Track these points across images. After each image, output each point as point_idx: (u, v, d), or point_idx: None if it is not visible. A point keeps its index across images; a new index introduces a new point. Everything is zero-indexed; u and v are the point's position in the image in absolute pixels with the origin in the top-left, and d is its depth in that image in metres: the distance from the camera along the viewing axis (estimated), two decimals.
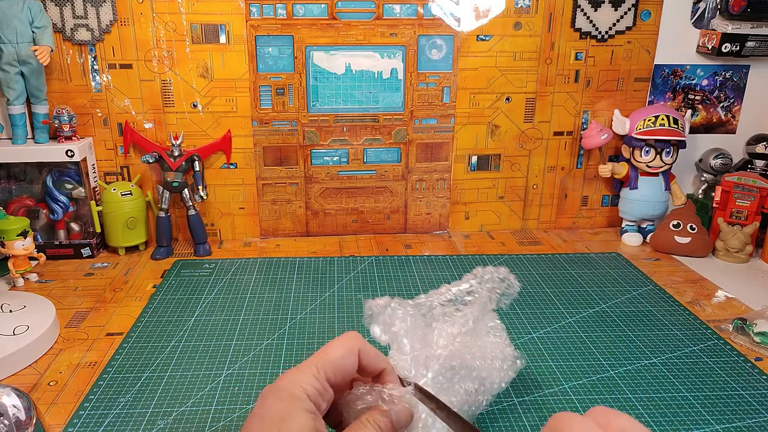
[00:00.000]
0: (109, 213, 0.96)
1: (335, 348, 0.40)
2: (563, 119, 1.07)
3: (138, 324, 0.76)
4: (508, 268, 0.56)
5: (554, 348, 0.72)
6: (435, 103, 1.03)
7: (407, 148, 1.05)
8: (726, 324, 0.77)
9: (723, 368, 0.68)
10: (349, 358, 0.40)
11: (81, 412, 0.60)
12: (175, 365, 0.68)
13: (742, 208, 0.99)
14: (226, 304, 0.82)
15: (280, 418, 0.36)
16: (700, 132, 1.10)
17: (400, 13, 0.97)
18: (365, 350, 0.41)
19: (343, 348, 0.40)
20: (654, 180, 1.04)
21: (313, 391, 0.38)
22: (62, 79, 0.95)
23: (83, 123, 0.97)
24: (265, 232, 1.07)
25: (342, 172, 1.05)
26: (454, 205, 1.09)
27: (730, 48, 1.01)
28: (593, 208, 1.13)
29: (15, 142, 0.93)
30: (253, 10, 0.95)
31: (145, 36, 0.94)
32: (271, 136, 1.01)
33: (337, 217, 1.08)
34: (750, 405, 0.62)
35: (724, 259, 0.99)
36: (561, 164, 1.09)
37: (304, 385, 0.37)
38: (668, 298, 0.85)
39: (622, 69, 1.05)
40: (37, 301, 0.78)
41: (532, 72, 1.03)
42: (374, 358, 0.41)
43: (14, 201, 0.96)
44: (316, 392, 0.38)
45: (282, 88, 0.99)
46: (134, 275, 0.91)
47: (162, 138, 0.99)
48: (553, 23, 1.01)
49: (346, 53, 0.99)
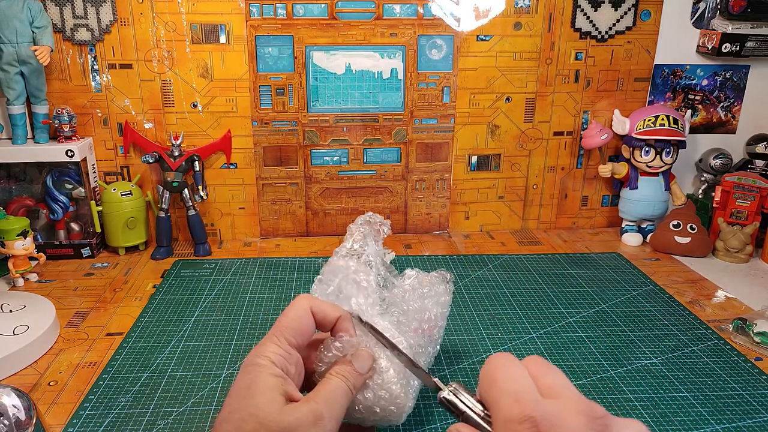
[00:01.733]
0: (109, 213, 0.96)
1: (289, 313, 0.43)
2: (563, 119, 1.07)
3: (138, 324, 0.76)
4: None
5: (554, 348, 0.72)
6: (435, 103, 1.03)
7: (407, 148, 1.05)
8: (726, 324, 0.77)
9: (723, 368, 0.68)
10: (304, 317, 0.43)
11: (81, 412, 0.60)
12: (175, 365, 0.68)
13: (742, 208, 0.99)
14: (226, 304, 0.82)
15: (247, 386, 0.38)
16: (700, 132, 1.10)
17: (400, 13, 0.97)
18: (316, 306, 0.43)
19: (295, 310, 0.43)
20: (654, 180, 1.04)
21: (276, 357, 0.40)
22: (62, 79, 0.95)
23: (83, 123, 0.97)
24: (265, 232, 1.07)
25: (342, 172, 1.05)
26: (454, 205, 1.09)
27: (730, 48, 1.01)
28: (593, 208, 1.13)
29: (15, 142, 0.93)
30: (253, 10, 0.95)
31: (145, 36, 0.94)
32: (271, 136, 1.01)
33: (337, 217, 1.08)
34: (750, 405, 0.62)
35: (724, 259, 0.99)
36: (561, 164, 1.09)
37: (267, 353, 0.40)
38: (668, 298, 0.85)
39: (622, 69, 1.05)
40: (37, 301, 0.78)
41: (532, 72, 1.03)
42: (327, 311, 0.44)
43: (14, 201, 0.96)
44: (280, 357, 0.40)
45: (282, 88, 0.99)
46: (134, 275, 0.91)
47: (162, 138, 0.99)
48: (553, 23, 1.01)
49: (346, 53, 0.99)
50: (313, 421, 0.37)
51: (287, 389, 0.39)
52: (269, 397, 0.37)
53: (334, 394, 0.40)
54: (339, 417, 0.40)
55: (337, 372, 0.41)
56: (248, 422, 0.36)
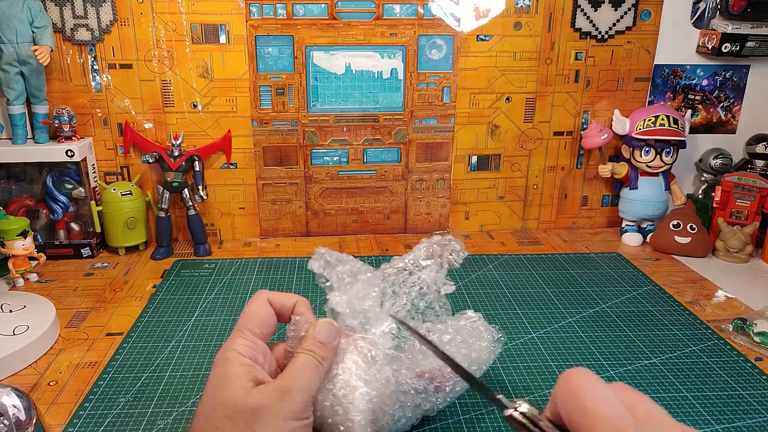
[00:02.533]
0: (109, 213, 0.96)
1: (248, 306, 0.46)
2: (563, 119, 1.07)
3: (138, 324, 0.76)
4: (463, 247, 0.61)
5: (554, 348, 0.72)
6: (435, 103, 1.03)
7: (407, 148, 1.05)
8: (726, 324, 0.77)
9: (723, 368, 0.68)
10: (262, 307, 0.46)
11: (81, 412, 0.60)
12: (175, 365, 0.68)
13: (742, 208, 0.99)
14: (226, 304, 0.82)
15: (218, 379, 0.41)
16: (700, 132, 1.10)
17: (400, 13, 0.97)
18: (273, 297, 0.47)
19: (254, 303, 0.46)
20: (654, 180, 1.04)
21: (243, 348, 0.42)
22: (62, 79, 0.95)
23: (83, 123, 0.97)
24: (265, 232, 1.07)
25: (342, 172, 1.05)
26: (454, 205, 1.09)
27: (730, 48, 1.01)
28: (593, 208, 1.13)
29: (15, 142, 0.93)
30: (253, 10, 0.95)
31: (145, 36, 0.94)
32: (271, 136, 1.01)
33: (337, 217, 1.08)
34: (750, 405, 0.62)
35: (724, 259, 0.99)
36: (561, 164, 1.09)
37: (234, 346, 0.43)
38: (668, 298, 0.85)
39: (622, 69, 1.05)
40: (37, 301, 0.78)
41: (532, 72, 1.03)
42: (283, 299, 0.48)
43: (14, 201, 0.96)
44: (247, 348, 0.43)
45: (282, 88, 0.99)
46: (134, 275, 0.91)
47: (162, 138, 0.99)
48: (553, 23, 1.01)
49: (346, 53, 0.99)
50: (279, 397, 0.39)
51: (256, 375, 0.41)
52: (237, 384, 0.40)
53: (299, 367, 0.42)
54: (308, 389, 0.41)
55: (303, 348, 0.44)
56: (218, 411, 0.39)
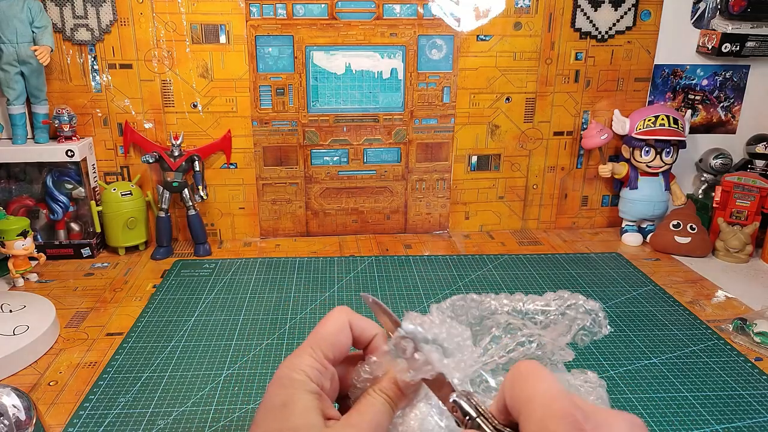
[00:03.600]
0: (109, 213, 0.96)
1: (327, 325, 0.40)
2: (563, 119, 1.07)
3: (138, 324, 0.76)
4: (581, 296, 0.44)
5: None
6: (435, 103, 1.03)
7: (407, 148, 1.05)
8: (726, 324, 0.77)
9: (723, 368, 0.68)
10: (342, 332, 0.40)
11: (81, 412, 0.60)
12: (175, 365, 0.68)
13: (742, 208, 0.99)
14: (226, 304, 0.82)
15: (283, 404, 0.36)
16: (700, 132, 1.10)
17: (400, 13, 0.97)
18: (355, 322, 0.41)
19: (334, 324, 0.40)
20: (654, 180, 1.04)
21: (312, 372, 0.38)
22: (62, 79, 0.95)
23: (83, 123, 0.97)
24: (265, 232, 1.07)
25: (342, 172, 1.05)
26: (454, 205, 1.09)
27: (730, 48, 1.01)
28: (593, 208, 1.13)
29: (15, 142, 0.93)
30: (253, 10, 0.95)
31: (145, 36, 0.94)
32: (271, 136, 1.01)
33: (337, 217, 1.08)
34: (750, 405, 0.62)
35: (724, 259, 0.99)
36: (561, 164, 1.09)
37: (303, 367, 0.37)
38: (668, 298, 0.85)
39: (622, 69, 1.05)
40: (37, 301, 0.78)
41: (532, 72, 1.03)
42: (364, 327, 0.41)
43: (14, 201, 0.96)
44: (317, 372, 0.38)
45: (282, 88, 0.99)
46: (134, 275, 0.91)
47: (162, 138, 0.99)
48: (553, 23, 1.01)
49: (346, 53, 0.99)
50: None
51: (324, 409, 0.36)
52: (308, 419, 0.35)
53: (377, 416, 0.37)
54: None
55: (382, 390, 0.38)
56: None
